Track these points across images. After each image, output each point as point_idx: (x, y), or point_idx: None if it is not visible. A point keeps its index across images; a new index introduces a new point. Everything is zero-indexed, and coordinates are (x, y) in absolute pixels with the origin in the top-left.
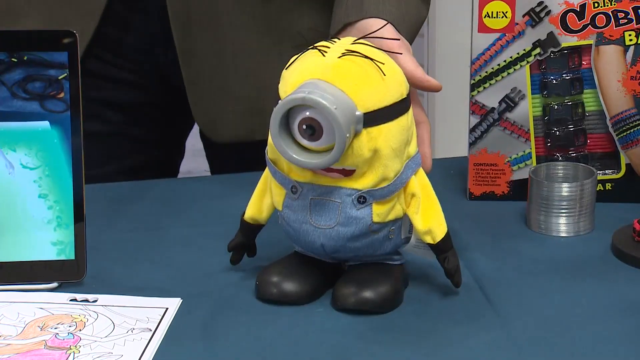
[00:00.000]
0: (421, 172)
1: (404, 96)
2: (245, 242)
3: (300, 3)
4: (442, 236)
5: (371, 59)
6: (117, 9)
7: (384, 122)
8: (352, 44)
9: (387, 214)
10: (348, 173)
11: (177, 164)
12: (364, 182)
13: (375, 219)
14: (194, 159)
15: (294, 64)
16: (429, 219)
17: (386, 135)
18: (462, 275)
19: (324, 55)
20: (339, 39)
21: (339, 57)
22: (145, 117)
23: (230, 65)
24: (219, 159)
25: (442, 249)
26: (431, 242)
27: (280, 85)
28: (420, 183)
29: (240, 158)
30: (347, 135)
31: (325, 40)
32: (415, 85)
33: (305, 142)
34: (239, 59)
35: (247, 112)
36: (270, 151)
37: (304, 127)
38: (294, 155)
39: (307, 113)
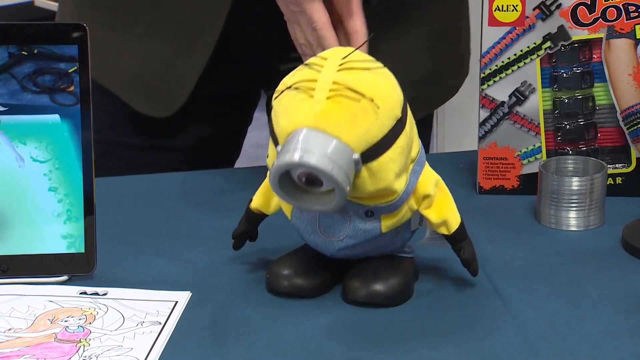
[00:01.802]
0: (427, 169)
1: (399, 117)
2: (250, 229)
3: None
4: (457, 227)
5: (362, 94)
6: None
7: (383, 153)
8: (340, 70)
9: (395, 224)
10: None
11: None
12: (371, 201)
13: (384, 230)
14: None
15: (282, 98)
16: (443, 210)
17: (387, 164)
18: None
19: (311, 97)
20: (325, 60)
21: (328, 97)
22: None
23: None
24: None
25: (457, 239)
26: (446, 233)
27: (272, 119)
28: (429, 180)
29: None
30: (347, 187)
31: (308, 66)
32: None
33: (306, 187)
34: None
35: None
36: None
37: (303, 179)
38: (297, 202)
39: (304, 169)
